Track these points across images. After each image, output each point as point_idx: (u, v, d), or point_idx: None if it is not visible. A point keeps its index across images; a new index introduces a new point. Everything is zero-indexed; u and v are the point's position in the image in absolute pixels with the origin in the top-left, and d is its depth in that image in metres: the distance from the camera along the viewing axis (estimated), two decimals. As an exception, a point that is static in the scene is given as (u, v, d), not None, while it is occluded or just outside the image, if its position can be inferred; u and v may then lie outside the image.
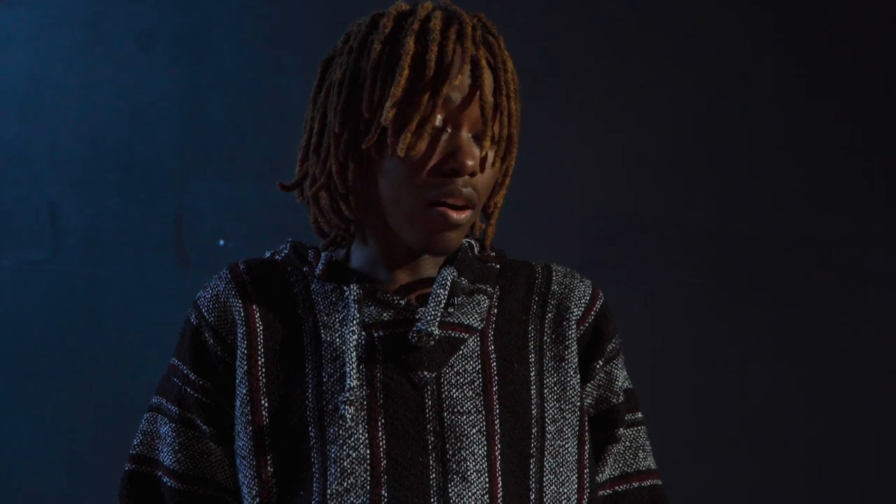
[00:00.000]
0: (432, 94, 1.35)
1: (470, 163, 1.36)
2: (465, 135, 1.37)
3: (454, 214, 1.37)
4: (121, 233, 2.67)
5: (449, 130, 1.37)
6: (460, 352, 1.40)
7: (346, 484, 1.36)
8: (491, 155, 1.39)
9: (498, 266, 1.47)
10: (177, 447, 1.44)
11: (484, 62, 1.38)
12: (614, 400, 1.50)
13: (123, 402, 2.54)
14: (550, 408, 1.43)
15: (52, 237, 2.68)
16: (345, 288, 1.41)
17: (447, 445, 1.37)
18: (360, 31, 1.41)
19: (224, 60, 2.67)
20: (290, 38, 2.64)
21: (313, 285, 1.43)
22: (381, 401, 1.37)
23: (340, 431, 1.37)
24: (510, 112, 1.40)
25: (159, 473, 1.45)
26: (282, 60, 2.62)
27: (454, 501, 1.35)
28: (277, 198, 1.61)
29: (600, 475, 1.50)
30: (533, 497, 1.40)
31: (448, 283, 1.41)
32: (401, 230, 1.39)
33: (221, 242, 2.65)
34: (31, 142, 2.69)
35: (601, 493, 1.49)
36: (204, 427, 1.43)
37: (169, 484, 1.44)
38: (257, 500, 1.39)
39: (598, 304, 1.49)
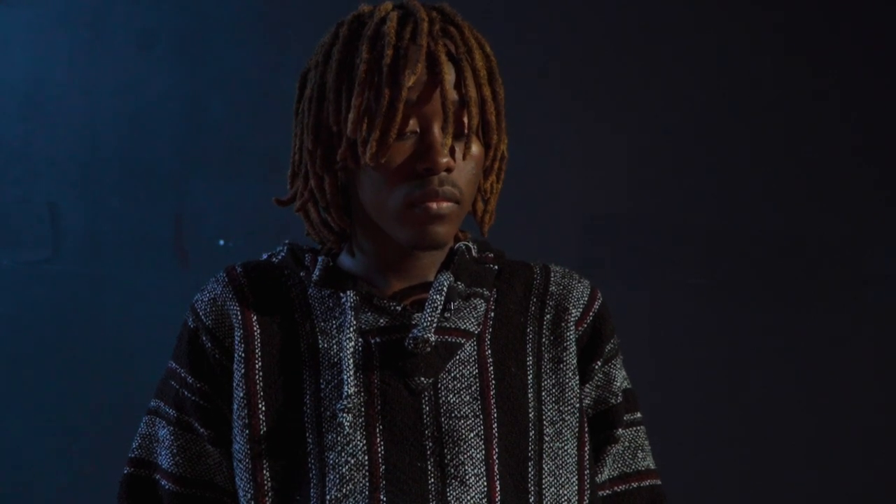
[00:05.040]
0: (391, 100, 1.34)
1: (443, 160, 1.34)
2: (437, 132, 1.35)
3: (435, 205, 1.35)
4: (121, 233, 2.67)
5: (419, 131, 1.36)
6: (457, 357, 1.40)
7: (344, 490, 1.36)
8: (462, 147, 1.37)
9: (496, 267, 1.47)
10: (175, 450, 1.44)
11: (443, 56, 1.35)
12: (613, 400, 1.50)
13: (123, 403, 2.54)
14: (549, 410, 1.43)
15: (52, 237, 2.68)
16: (341, 294, 1.41)
17: (445, 450, 1.37)
18: (324, 43, 1.40)
19: (224, 60, 2.66)
20: (290, 38, 2.64)
21: (310, 290, 1.43)
22: (379, 407, 1.37)
23: (338, 438, 1.36)
24: (482, 99, 1.38)
25: (157, 476, 1.45)
26: (282, 60, 2.62)
27: (453, 506, 1.36)
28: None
29: (599, 476, 1.50)
30: (532, 500, 1.39)
31: (444, 289, 1.40)
32: (390, 231, 1.39)
33: (221, 242, 2.65)
34: (31, 142, 2.69)
35: (600, 493, 1.49)
36: (202, 430, 1.43)
37: (167, 487, 1.44)
38: (253, 503, 1.39)
39: (596, 305, 1.48)
